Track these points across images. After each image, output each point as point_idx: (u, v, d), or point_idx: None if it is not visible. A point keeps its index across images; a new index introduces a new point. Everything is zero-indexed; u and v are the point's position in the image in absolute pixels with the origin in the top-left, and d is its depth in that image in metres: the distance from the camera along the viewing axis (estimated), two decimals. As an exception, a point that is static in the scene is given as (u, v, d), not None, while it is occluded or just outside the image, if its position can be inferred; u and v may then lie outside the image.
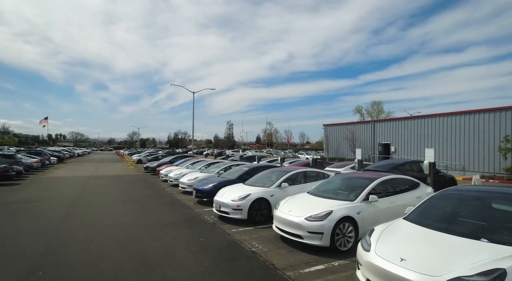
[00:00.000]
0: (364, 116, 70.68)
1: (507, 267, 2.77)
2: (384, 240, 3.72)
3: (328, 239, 5.17)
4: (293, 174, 8.66)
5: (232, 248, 5.60)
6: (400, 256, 3.29)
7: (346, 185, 6.69)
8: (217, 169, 13.65)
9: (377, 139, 29.51)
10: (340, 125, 34.13)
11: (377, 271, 3.37)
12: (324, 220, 5.22)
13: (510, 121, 19.46)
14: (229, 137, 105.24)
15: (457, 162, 22.44)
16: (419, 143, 25.19)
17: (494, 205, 3.99)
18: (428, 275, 2.93)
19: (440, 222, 3.93)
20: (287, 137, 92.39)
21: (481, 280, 2.72)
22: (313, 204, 5.82)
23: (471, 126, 21.75)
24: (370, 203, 5.72)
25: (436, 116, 24.53)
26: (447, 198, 4.54)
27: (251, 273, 4.45)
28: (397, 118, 29.59)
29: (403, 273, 3.08)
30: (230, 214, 7.46)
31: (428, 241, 3.54)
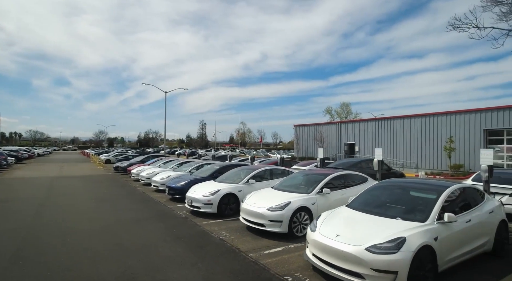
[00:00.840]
0: (334, 117, 73.86)
1: (407, 235, 3.74)
2: (327, 222, 4.60)
3: (287, 226, 6.01)
4: (260, 171, 9.46)
5: (203, 237, 6.24)
6: (336, 233, 4.18)
7: (305, 180, 7.60)
8: (189, 168, 14.09)
9: (343, 140, 31.39)
10: (310, 126, 35.73)
11: (320, 246, 4.23)
12: (283, 210, 6.05)
13: (454, 124, 21.92)
14: (202, 137, 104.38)
15: (411, 160, 24.70)
16: (380, 143, 27.28)
17: (411, 193, 5.05)
18: (353, 245, 3.82)
19: (371, 207, 4.90)
20: (260, 137, 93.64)
21: (389, 246, 3.66)
22: (275, 196, 6.64)
23: (423, 128, 24.08)
24: (323, 195, 6.66)
25: (394, 119, 26.75)
26: (379, 188, 5.57)
27: (219, 256, 5.14)
28: (361, 120, 31.68)
29: (336, 245, 3.96)
30: (201, 208, 8.07)
31: (359, 221, 4.47)
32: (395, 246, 3.64)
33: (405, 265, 3.55)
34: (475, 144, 20.75)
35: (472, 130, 21.09)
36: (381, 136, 27.46)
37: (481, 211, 4.97)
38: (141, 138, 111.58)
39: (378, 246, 3.69)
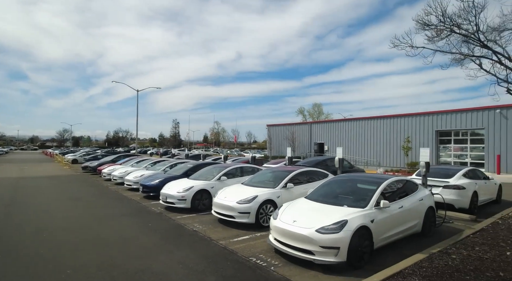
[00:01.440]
0: (306, 117, 76.22)
1: (349, 218, 4.60)
2: (287, 211, 5.36)
3: (254, 217, 6.73)
4: (231, 169, 10.11)
5: (177, 229, 6.77)
6: (294, 219, 4.95)
7: (272, 176, 8.36)
8: (163, 167, 14.36)
9: (314, 139, 32.90)
10: (282, 126, 36.93)
11: (280, 230, 4.98)
12: (251, 203, 6.76)
13: (411, 125, 24.06)
14: (175, 136, 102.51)
15: (374, 159, 26.63)
16: (347, 142, 29.03)
17: (358, 185, 5.98)
18: (306, 228, 4.61)
19: (325, 197, 5.75)
20: (235, 137, 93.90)
21: (333, 227, 4.48)
22: (244, 191, 7.33)
23: (384, 129, 26.08)
24: (287, 189, 7.46)
25: (359, 120, 28.63)
26: (333, 182, 6.47)
27: (193, 244, 5.72)
28: (330, 121, 33.38)
29: (293, 229, 4.73)
30: (176, 204, 8.55)
31: (313, 209, 5.28)
32: (338, 227, 4.47)
33: (345, 242, 4.39)
34: (429, 143, 22.96)
35: (426, 131, 23.30)
36: (348, 136, 29.23)
37: (413, 199, 6.02)
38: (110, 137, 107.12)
39: (325, 228, 4.51)
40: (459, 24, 5.90)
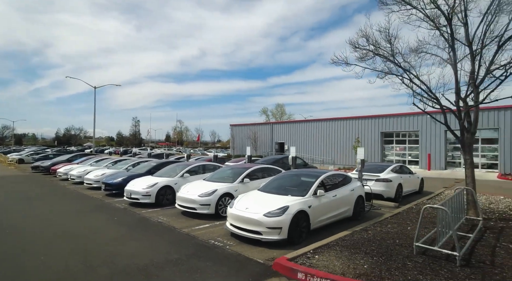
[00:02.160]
0: (269, 117, 78.33)
1: (290, 204, 5.69)
2: (241, 201, 6.32)
3: (214, 208, 7.59)
4: (193, 166, 10.83)
5: (143, 221, 7.38)
6: (246, 207, 5.92)
7: (231, 173, 9.27)
8: (125, 166, 14.50)
9: (275, 139, 34.48)
10: (245, 125, 38.02)
11: (234, 216, 5.92)
12: (211, 196, 7.62)
13: (360, 127, 26.64)
14: (135, 134, 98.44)
15: (329, 157, 28.88)
16: (306, 142, 31.02)
17: (302, 178, 7.16)
18: (256, 213, 5.61)
19: (274, 189, 6.82)
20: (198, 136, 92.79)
21: (277, 212, 5.53)
22: (205, 186, 8.15)
23: (338, 130, 28.45)
24: (244, 183, 8.43)
25: (316, 121, 30.78)
26: (282, 177, 7.59)
27: (158, 232, 6.42)
28: (290, 121, 35.23)
29: (245, 214, 5.70)
30: (140, 199, 9.06)
31: (263, 199, 6.31)
32: (281, 211, 5.54)
33: (286, 223, 5.47)
34: (375, 143, 25.66)
35: (373, 133, 25.98)
36: (307, 136, 31.23)
37: (345, 190, 7.35)
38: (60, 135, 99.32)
39: (271, 212, 5.55)
40: (380, 48, 7.39)
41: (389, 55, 7.43)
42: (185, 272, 4.32)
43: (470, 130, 7.50)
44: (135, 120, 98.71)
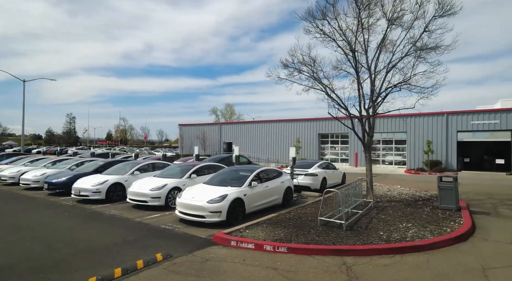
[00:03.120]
0: (219, 117, 79.02)
1: (228, 193, 7.06)
2: (188, 192, 7.48)
3: (164, 201, 8.58)
4: (143, 165, 11.53)
5: (95, 215, 8.01)
6: (193, 196, 7.11)
7: (180, 170, 10.29)
8: (67, 165, 14.29)
9: (223, 139, 35.67)
10: (194, 125, 38.42)
11: (183, 205, 7.07)
12: (161, 189, 8.59)
13: (300, 129, 29.46)
14: (70, 132, 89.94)
15: (273, 156, 31.19)
16: (253, 142, 32.86)
17: (240, 173, 8.60)
18: (200, 200, 6.85)
19: (216, 182, 8.11)
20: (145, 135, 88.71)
21: (218, 199, 6.85)
22: (156, 181, 9.06)
23: (281, 131, 30.92)
24: (192, 179, 9.55)
25: (262, 122, 32.89)
26: (224, 172, 8.93)
27: (112, 222, 7.20)
28: (238, 122, 36.79)
29: (192, 202, 6.90)
30: (90, 196, 9.51)
31: (207, 189, 7.55)
32: (221, 199, 6.87)
33: (225, 208, 6.81)
34: (313, 143, 28.66)
35: (311, 134, 28.96)
36: (253, 136, 33.11)
37: (276, 182, 9.01)
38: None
39: (213, 199, 6.84)
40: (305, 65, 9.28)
41: (311, 74, 9.32)
42: (142, 247, 5.36)
43: (370, 134, 9.81)
44: (69, 117, 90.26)
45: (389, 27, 9.15)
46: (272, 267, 4.51)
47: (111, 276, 4.08)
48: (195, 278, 4.11)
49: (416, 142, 23.54)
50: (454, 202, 8.20)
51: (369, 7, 9.07)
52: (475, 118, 21.52)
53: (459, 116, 22.19)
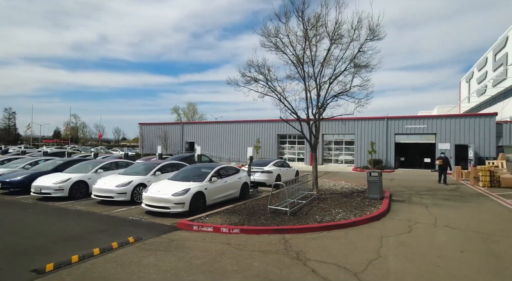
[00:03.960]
0: (181, 116, 77.82)
1: (191, 187, 8.05)
2: (154, 187, 8.29)
3: (129, 196, 9.23)
4: (106, 163, 11.90)
5: (60, 211, 8.40)
6: (158, 190, 7.96)
7: (144, 168, 10.92)
8: (21, 164, 13.93)
9: (185, 138, 35.87)
10: (155, 125, 37.96)
11: (149, 198, 7.87)
12: (127, 186, 9.23)
13: (260, 129, 31.02)
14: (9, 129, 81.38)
15: (234, 156, 32.32)
16: (215, 142, 33.61)
17: (201, 170, 9.59)
18: (165, 194, 7.73)
19: (180, 178, 9.01)
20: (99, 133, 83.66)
21: (182, 192, 7.80)
22: (121, 178, 9.64)
23: (242, 132, 32.18)
24: (156, 176, 10.28)
25: (224, 123, 33.84)
26: (187, 169, 9.85)
27: (80, 216, 7.73)
28: (200, 122, 37.25)
29: (158, 195, 7.74)
30: (52, 194, 9.74)
31: (172, 184, 8.43)
32: (184, 192, 7.82)
33: (188, 200, 7.78)
34: (272, 143, 30.38)
35: (271, 134, 30.66)
36: (216, 136, 33.89)
37: (234, 177, 10.15)
38: None
39: (177, 193, 7.77)
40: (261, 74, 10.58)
41: (266, 82, 10.65)
42: (114, 234, 6.12)
43: (316, 136, 11.43)
44: (8, 112, 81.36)
45: (332, 46, 10.83)
46: (227, 243, 5.64)
47: (91, 254, 4.87)
48: (163, 252, 5.07)
49: (362, 143, 26.41)
50: (378, 192, 10.10)
51: (316, 27, 10.64)
52: (409, 123, 24.92)
53: (396, 121, 25.47)
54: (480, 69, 49.22)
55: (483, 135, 22.53)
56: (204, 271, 4.32)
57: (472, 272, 4.42)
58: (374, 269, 4.45)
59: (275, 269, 4.40)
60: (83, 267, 4.40)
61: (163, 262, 4.62)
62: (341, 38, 10.74)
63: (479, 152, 22.39)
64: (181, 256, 4.90)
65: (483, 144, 22.48)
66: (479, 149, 22.47)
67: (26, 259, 4.69)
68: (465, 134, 23.04)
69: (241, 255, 5.00)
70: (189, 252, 5.09)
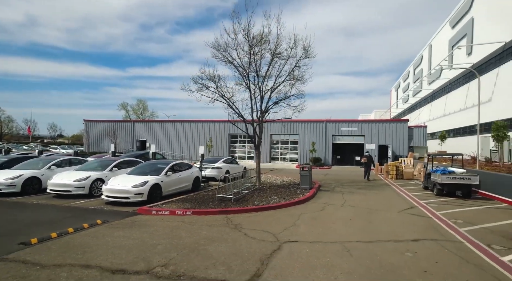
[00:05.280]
0: (130, 113, 74.47)
1: (149, 180, 9.27)
2: (114, 180, 9.28)
3: (88, 190, 10.00)
4: (58, 161, 12.25)
5: (18, 205, 8.87)
6: (118, 183, 9.00)
7: (100, 164, 11.63)
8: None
9: (136, 137, 35.35)
10: (102, 122, 36.55)
11: (110, 190, 8.88)
12: (85, 180, 9.99)
13: (212, 129, 32.31)
14: None
15: (187, 154, 33.07)
16: (167, 140, 33.83)
17: (158, 165, 10.78)
18: (126, 186, 8.83)
19: (138, 172, 10.09)
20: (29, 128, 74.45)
21: (141, 184, 8.97)
22: (79, 174, 10.33)
23: (195, 131, 33.09)
24: (113, 171, 11.13)
25: (176, 122, 34.31)
26: (145, 164, 10.94)
27: (40, 208, 8.38)
28: (152, 121, 37.03)
29: (119, 187, 8.81)
30: (3, 189, 9.98)
31: (131, 178, 9.50)
32: (143, 183, 9.01)
33: (146, 190, 8.98)
34: (224, 142, 31.89)
35: (223, 134, 32.15)
36: (168, 135, 34.16)
37: (187, 172, 11.52)
38: None
39: (136, 185, 8.92)
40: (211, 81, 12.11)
41: (216, 89, 12.22)
42: (82, 220, 7.09)
43: (259, 136, 13.34)
44: None
45: (273, 60, 12.83)
46: (181, 221, 7.11)
47: (66, 232, 5.93)
48: (129, 228, 6.35)
49: (305, 143, 29.49)
50: (308, 183, 12.40)
51: (260, 43, 12.52)
52: (343, 126, 28.68)
53: (334, 124, 29.06)
54: (404, 80, 57.30)
55: (399, 137, 27.17)
56: (164, 237, 5.77)
57: (350, 230, 6.62)
58: (288, 231, 6.38)
59: (218, 234, 6.05)
60: (63, 240, 5.50)
61: (131, 234, 5.93)
62: (281, 54, 12.81)
63: (396, 151, 26.95)
64: (144, 230, 6.25)
65: (399, 144, 27.11)
66: (396, 148, 27.04)
67: (8, 239, 5.56)
68: (386, 136, 27.48)
69: (193, 227, 6.54)
70: (151, 228, 6.45)
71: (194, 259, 4.65)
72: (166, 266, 4.37)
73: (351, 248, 5.33)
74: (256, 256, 4.85)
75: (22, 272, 4.06)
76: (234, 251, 5.08)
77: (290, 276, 4.12)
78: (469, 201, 10.35)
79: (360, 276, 4.15)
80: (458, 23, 31.23)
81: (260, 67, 12.90)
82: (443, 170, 11.46)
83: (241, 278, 4.01)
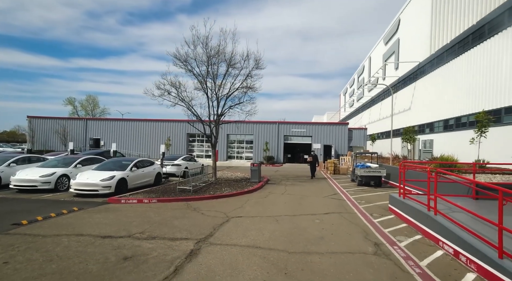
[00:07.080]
0: (78, 109, 69.99)
1: (116, 174, 10.46)
2: (82, 175, 10.27)
3: (54, 185, 10.78)
4: (18, 158, 12.60)
5: (-15, 199, 9.40)
6: (87, 177, 10.06)
7: (64, 161, 12.31)
8: None
9: (89, 135, 34.34)
10: (50, 119, 34.73)
11: (79, 184, 9.89)
12: (51, 176, 10.75)
13: (171, 128, 33.00)
14: None
15: (145, 152, 33.22)
16: (123, 139, 33.51)
17: (123, 162, 11.91)
18: (94, 180, 9.94)
19: (105, 168, 11.14)
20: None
21: (108, 178, 10.14)
22: (44, 170, 11.01)
23: (153, 129, 33.41)
24: (77, 168, 11.95)
25: (133, 121, 34.18)
26: (110, 161, 11.98)
27: (10, 201, 9.09)
28: (106, 119, 36.18)
29: (88, 181, 9.89)
30: (-35, 186, 10.26)
31: (98, 173, 10.56)
32: (110, 178, 10.18)
33: (114, 184, 10.17)
34: (182, 141, 32.80)
35: (181, 133, 33.03)
36: (124, 133, 33.86)
37: (150, 168, 12.79)
38: None
39: (104, 179, 10.06)
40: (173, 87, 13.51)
41: (177, 94, 13.65)
42: (58, 208, 8.13)
43: (216, 136, 15.06)
44: None
45: (228, 69, 14.64)
46: (148, 207, 8.59)
47: (50, 216, 7.06)
48: (104, 212, 7.67)
49: (260, 142, 31.84)
50: (257, 177, 14.49)
51: (217, 54, 14.22)
52: (294, 127, 31.66)
53: (285, 125, 31.88)
54: (351, 86, 63.37)
55: (340, 138, 30.96)
56: (137, 217, 7.26)
57: (283, 209, 8.76)
58: (236, 211, 8.28)
59: (181, 214, 7.71)
60: (51, 221, 6.68)
61: (107, 216, 7.30)
62: (235, 65, 14.69)
63: (339, 150, 30.69)
64: (118, 213, 7.64)
65: (341, 144, 30.89)
66: (338, 148, 30.78)
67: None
68: (330, 137, 31.09)
69: (159, 211, 8.09)
70: (124, 212, 7.85)
71: (164, 228, 6.30)
72: (143, 233, 5.96)
73: (280, 219, 7.43)
74: (210, 225, 6.66)
75: (29, 240, 5.33)
76: (194, 223, 6.83)
77: (234, 234, 6.03)
78: (379, 189, 13.37)
79: (280, 232, 6.22)
80: (389, 41, 36.36)
81: (217, 76, 14.64)
82: (362, 165, 14.43)
83: (199, 236, 5.80)
